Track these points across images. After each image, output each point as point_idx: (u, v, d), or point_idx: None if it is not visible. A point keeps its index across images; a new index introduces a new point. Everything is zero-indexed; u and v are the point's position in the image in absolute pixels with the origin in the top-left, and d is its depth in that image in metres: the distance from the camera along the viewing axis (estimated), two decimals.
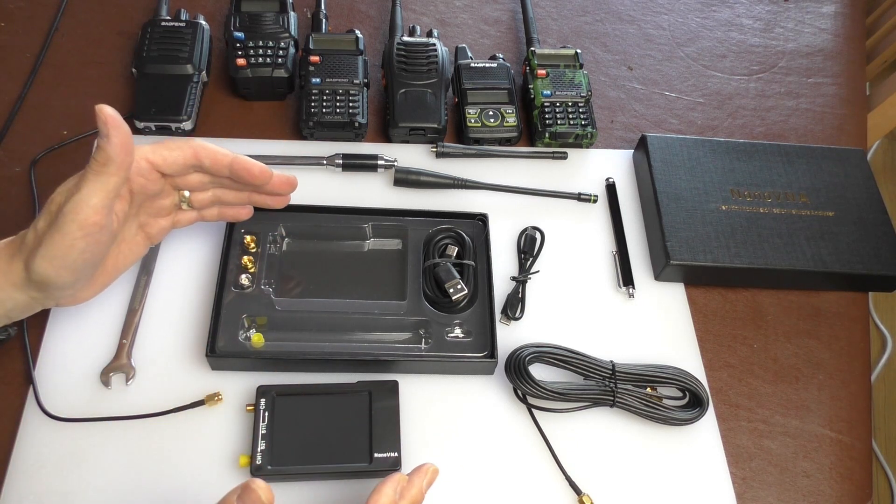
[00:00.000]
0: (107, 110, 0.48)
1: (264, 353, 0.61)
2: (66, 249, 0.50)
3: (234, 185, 0.60)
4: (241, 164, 0.57)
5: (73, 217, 0.49)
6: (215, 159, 0.57)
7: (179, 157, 0.55)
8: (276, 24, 0.78)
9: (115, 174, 0.50)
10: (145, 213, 0.58)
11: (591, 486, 0.59)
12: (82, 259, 0.51)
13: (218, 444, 0.58)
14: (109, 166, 0.49)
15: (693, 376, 0.62)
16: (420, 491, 0.49)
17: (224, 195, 0.61)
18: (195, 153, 0.56)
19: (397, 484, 0.48)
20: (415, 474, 0.50)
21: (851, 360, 0.69)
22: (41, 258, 0.50)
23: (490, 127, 0.77)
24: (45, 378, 0.59)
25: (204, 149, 0.56)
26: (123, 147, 0.49)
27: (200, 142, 0.56)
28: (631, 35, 0.93)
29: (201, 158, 0.56)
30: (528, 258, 0.70)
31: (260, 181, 0.58)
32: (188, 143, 0.56)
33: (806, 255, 0.69)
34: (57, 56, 0.80)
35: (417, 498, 0.48)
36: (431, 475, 0.50)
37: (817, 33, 0.97)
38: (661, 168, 0.74)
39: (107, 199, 0.50)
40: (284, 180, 0.60)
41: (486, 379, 0.63)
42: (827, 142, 0.85)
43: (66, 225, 0.49)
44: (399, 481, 0.48)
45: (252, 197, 0.62)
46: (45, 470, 0.55)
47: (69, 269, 0.51)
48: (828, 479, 0.62)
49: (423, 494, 0.49)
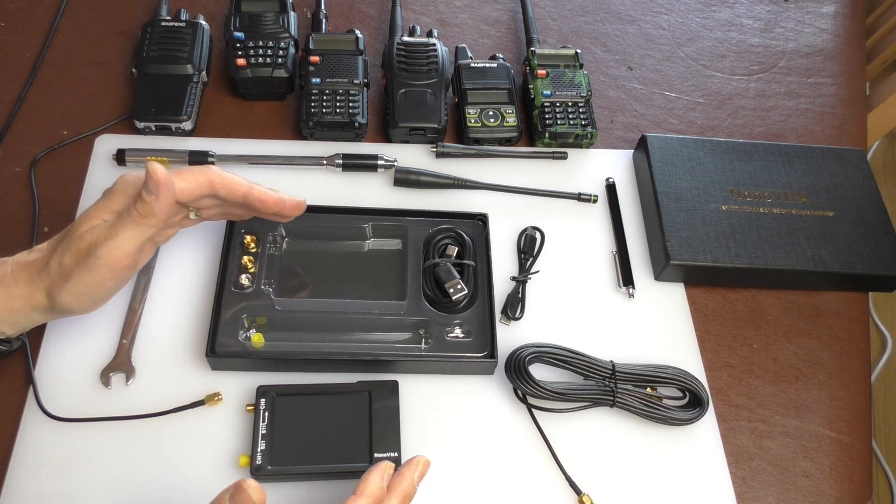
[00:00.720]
0: (159, 172, 0.50)
1: (264, 353, 0.61)
2: (94, 287, 0.52)
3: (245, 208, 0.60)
4: (255, 197, 0.56)
5: (107, 261, 0.51)
6: (230, 190, 0.56)
7: (196, 190, 0.55)
8: (276, 24, 0.78)
9: (155, 225, 0.52)
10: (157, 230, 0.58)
11: (591, 486, 0.59)
12: (108, 294, 0.54)
13: (218, 444, 0.58)
14: (151, 219, 0.51)
15: (693, 376, 0.62)
16: (411, 484, 0.48)
17: (231, 209, 0.61)
18: (211, 183, 0.55)
19: (384, 472, 0.48)
20: (405, 467, 0.49)
21: (851, 360, 0.69)
22: (68, 294, 0.52)
23: (490, 127, 0.77)
24: (46, 378, 0.59)
25: (221, 179, 0.55)
26: (167, 205, 0.51)
27: (217, 171, 0.55)
28: (631, 35, 0.93)
29: (216, 189, 0.55)
30: (528, 258, 0.70)
31: (273, 211, 0.58)
32: (205, 173, 0.55)
33: (806, 255, 0.69)
34: (57, 56, 0.80)
35: (409, 491, 0.48)
36: (423, 468, 0.49)
37: (817, 33, 0.97)
38: (661, 168, 0.74)
39: (140, 245, 0.52)
40: (294, 205, 0.59)
41: (486, 379, 0.63)
42: (827, 142, 0.85)
43: (98, 268, 0.51)
44: (386, 469, 0.48)
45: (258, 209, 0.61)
46: (45, 470, 0.55)
47: (94, 303, 0.54)
48: (828, 479, 0.62)
49: (414, 487, 0.48)
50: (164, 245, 0.66)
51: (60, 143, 0.73)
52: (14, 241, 0.66)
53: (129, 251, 0.51)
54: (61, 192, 0.70)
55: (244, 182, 0.56)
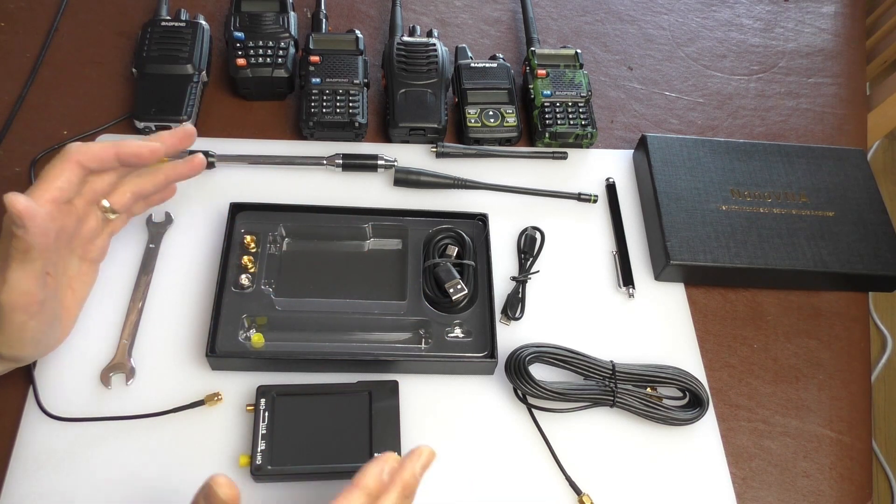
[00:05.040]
0: (18, 203, 0.45)
1: (264, 353, 0.61)
2: (19, 333, 0.51)
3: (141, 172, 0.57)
4: (126, 152, 0.53)
5: (13, 307, 0.49)
6: (99, 158, 0.52)
7: (71, 177, 0.51)
8: (276, 24, 0.78)
9: (39, 257, 0.48)
10: (79, 246, 0.57)
11: (591, 486, 0.59)
12: (40, 331, 0.52)
13: (218, 444, 0.58)
14: (32, 252, 0.48)
15: (693, 376, 0.62)
16: (413, 475, 0.45)
17: (141, 187, 0.58)
18: (78, 162, 0.51)
19: (385, 463, 0.44)
20: (408, 457, 0.46)
21: (851, 360, 0.69)
22: (3, 346, 0.51)
23: (490, 127, 0.77)
24: (45, 378, 0.59)
25: (83, 154, 0.52)
26: (42, 233, 0.47)
27: (76, 146, 0.52)
28: (631, 35, 0.93)
29: (85, 165, 0.52)
30: (528, 258, 0.70)
31: (153, 159, 0.55)
32: (66, 156, 0.51)
33: (806, 255, 0.69)
34: (57, 56, 0.80)
35: (410, 482, 0.44)
36: (427, 458, 0.46)
37: (817, 33, 0.97)
38: (661, 168, 0.74)
39: (38, 278, 0.49)
40: (180, 136, 0.56)
41: (486, 379, 0.63)
42: (827, 142, 0.85)
43: (8, 315, 0.49)
44: (387, 460, 0.45)
45: (167, 175, 0.59)
46: (45, 470, 0.55)
47: (32, 345, 0.53)
48: (828, 479, 0.62)
49: (417, 479, 0.45)
50: (164, 245, 0.67)
51: (60, 143, 0.73)
52: None
53: (28, 290, 0.48)
54: None
55: (108, 144, 0.53)
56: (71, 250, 0.56)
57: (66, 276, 0.56)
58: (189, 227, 0.68)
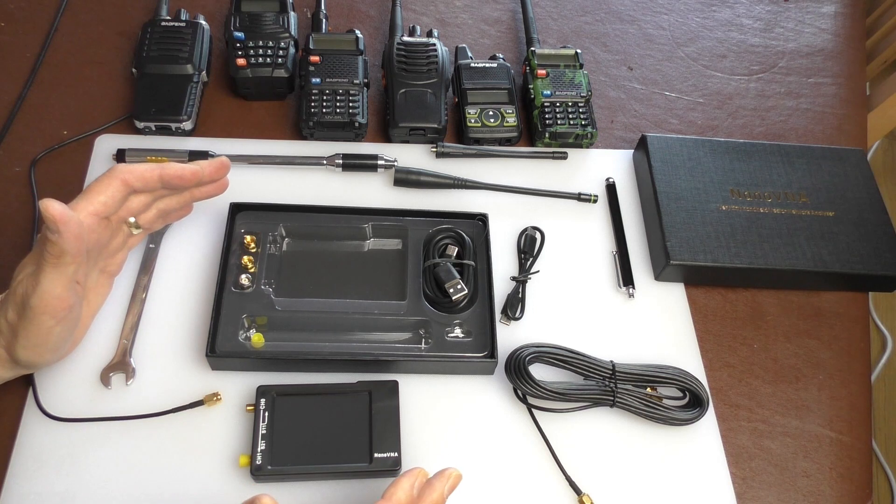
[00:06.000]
0: (53, 209, 0.47)
1: (264, 353, 0.61)
2: (44, 337, 0.51)
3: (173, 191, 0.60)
4: (170, 174, 0.56)
5: (43, 310, 0.49)
6: (144, 179, 0.55)
7: (115, 195, 0.54)
8: (276, 24, 0.78)
9: (72, 262, 0.49)
10: (103, 259, 0.58)
11: (591, 486, 0.59)
12: (61, 338, 0.53)
13: (218, 444, 0.58)
14: (65, 258, 0.49)
15: (693, 376, 0.62)
16: (441, 495, 0.48)
17: (167, 205, 0.61)
18: (125, 182, 0.54)
19: (415, 479, 0.47)
20: (437, 478, 0.49)
21: (851, 360, 0.69)
22: (22, 349, 0.51)
23: (490, 127, 0.77)
24: (45, 378, 0.59)
25: (131, 173, 0.55)
26: (76, 238, 0.48)
27: (124, 167, 0.55)
28: (631, 35, 0.93)
29: (131, 184, 0.55)
30: (528, 258, 0.70)
31: (195, 182, 0.58)
32: (113, 174, 0.54)
33: (806, 255, 0.69)
34: (57, 56, 0.80)
35: (438, 501, 0.47)
36: (454, 480, 0.49)
37: (817, 33, 0.97)
38: (661, 168, 0.74)
39: (69, 284, 0.50)
40: (217, 166, 0.60)
41: (486, 379, 0.63)
42: (827, 142, 0.85)
43: (37, 318, 0.50)
44: (418, 476, 0.48)
45: (194, 195, 0.62)
46: (45, 470, 0.55)
47: (52, 351, 0.53)
48: (828, 479, 0.62)
49: (444, 498, 0.48)
50: (164, 245, 0.67)
51: (60, 143, 0.73)
52: (14, 241, 0.66)
53: (59, 294, 0.50)
54: (61, 192, 0.69)
55: (154, 166, 0.56)
56: (94, 263, 0.57)
57: (87, 286, 0.57)
58: (189, 227, 0.68)
